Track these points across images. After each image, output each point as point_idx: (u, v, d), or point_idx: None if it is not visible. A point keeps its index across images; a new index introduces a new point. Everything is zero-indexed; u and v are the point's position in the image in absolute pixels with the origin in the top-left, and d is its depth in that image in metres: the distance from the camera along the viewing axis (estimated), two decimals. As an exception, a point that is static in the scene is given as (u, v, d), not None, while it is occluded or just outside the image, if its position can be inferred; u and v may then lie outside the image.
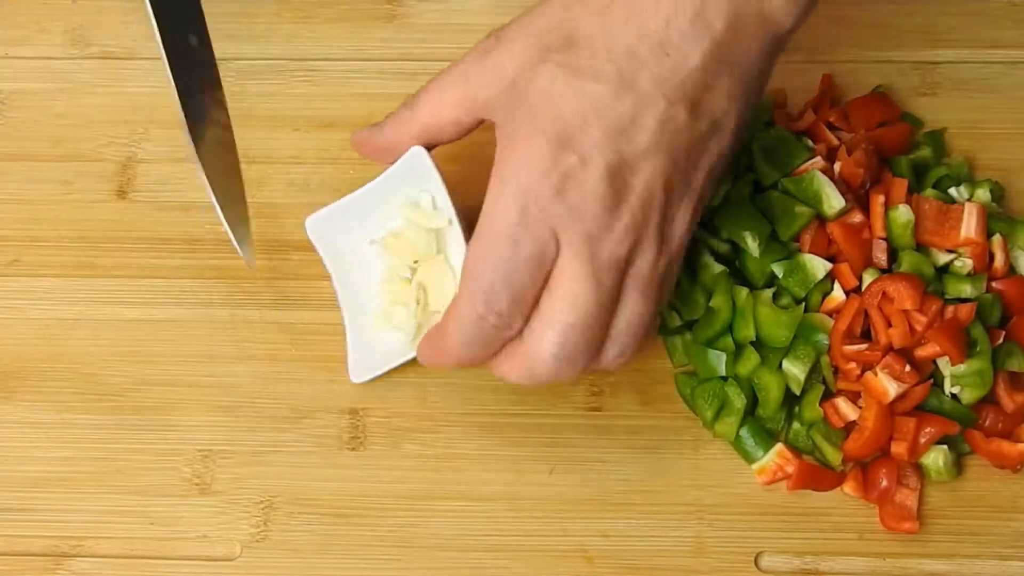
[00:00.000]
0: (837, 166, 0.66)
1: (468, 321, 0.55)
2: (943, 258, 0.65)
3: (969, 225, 0.65)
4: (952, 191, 0.68)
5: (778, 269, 0.64)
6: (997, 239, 0.66)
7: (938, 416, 0.63)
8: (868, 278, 0.64)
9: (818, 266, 0.64)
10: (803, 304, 0.64)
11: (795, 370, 0.63)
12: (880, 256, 0.65)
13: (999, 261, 0.65)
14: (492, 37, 0.57)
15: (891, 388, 0.61)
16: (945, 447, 0.63)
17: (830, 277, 0.64)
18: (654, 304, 0.56)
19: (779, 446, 0.64)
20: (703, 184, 0.56)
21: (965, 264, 0.65)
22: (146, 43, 0.67)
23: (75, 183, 0.71)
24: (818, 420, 0.63)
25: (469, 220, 0.57)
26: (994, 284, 0.65)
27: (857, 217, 0.65)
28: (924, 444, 0.62)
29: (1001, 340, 0.64)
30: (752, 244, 0.64)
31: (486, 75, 0.56)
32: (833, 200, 0.64)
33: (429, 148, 0.60)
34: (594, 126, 0.53)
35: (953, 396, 0.63)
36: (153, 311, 0.68)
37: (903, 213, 0.65)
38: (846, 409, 0.63)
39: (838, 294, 0.64)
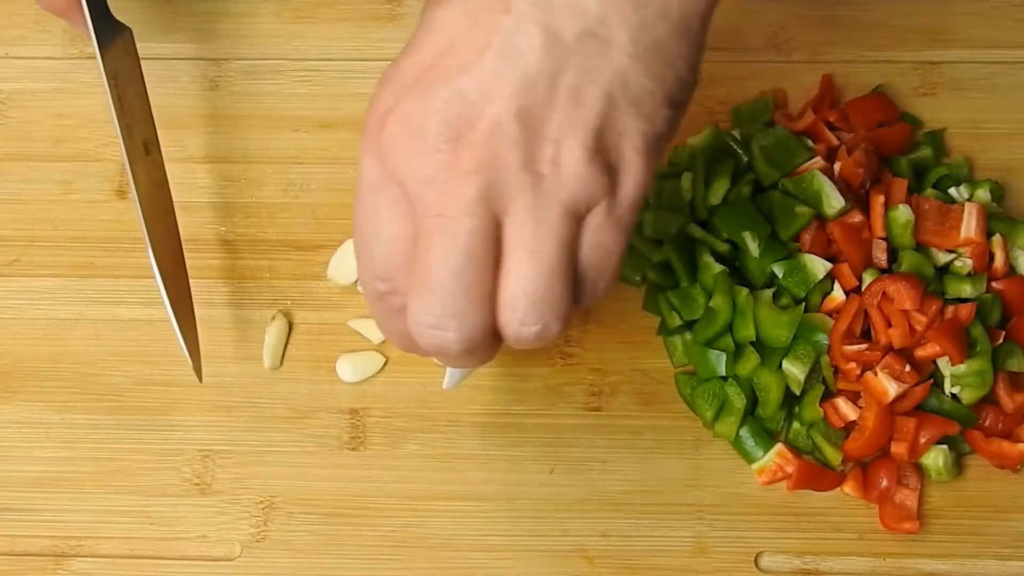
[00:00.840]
0: (837, 166, 0.66)
1: (367, 293, 0.50)
2: (943, 258, 0.65)
3: (969, 225, 0.65)
4: (952, 191, 0.68)
5: (778, 269, 0.64)
6: (997, 239, 0.66)
7: (938, 416, 0.63)
8: (868, 278, 0.64)
9: (818, 266, 0.64)
10: (803, 304, 0.64)
11: (795, 370, 0.63)
12: (880, 256, 0.65)
13: (999, 261, 0.65)
14: None
15: (891, 388, 0.61)
16: (945, 447, 0.63)
17: (830, 277, 0.64)
18: (549, 262, 0.46)
19: (779, 446, 0.64)
20: (600, 114, 0.46)
21: (965, 264, 0.65)
22: (145, 43, 0.67)
23: (75, 183, 0.71)
24: (818, 420, 0.63)
25: None
26: (994, 284, 0.65)
27: (857, 217, 0.65)
28: (924, 444, 0.62)
29: (1001, 340, 0.64)
30: (752, 244, 0.64)
31: None
32: (833, 200, 0.64)
33: None
34: (427, 58, 0.46)
35: (953, 396, 0.63)
36: (153, 311, 0.68)
37: (903, 213, 0.65)
38: (846, 409, 0.63)
39: (838, 294, 0.64)
